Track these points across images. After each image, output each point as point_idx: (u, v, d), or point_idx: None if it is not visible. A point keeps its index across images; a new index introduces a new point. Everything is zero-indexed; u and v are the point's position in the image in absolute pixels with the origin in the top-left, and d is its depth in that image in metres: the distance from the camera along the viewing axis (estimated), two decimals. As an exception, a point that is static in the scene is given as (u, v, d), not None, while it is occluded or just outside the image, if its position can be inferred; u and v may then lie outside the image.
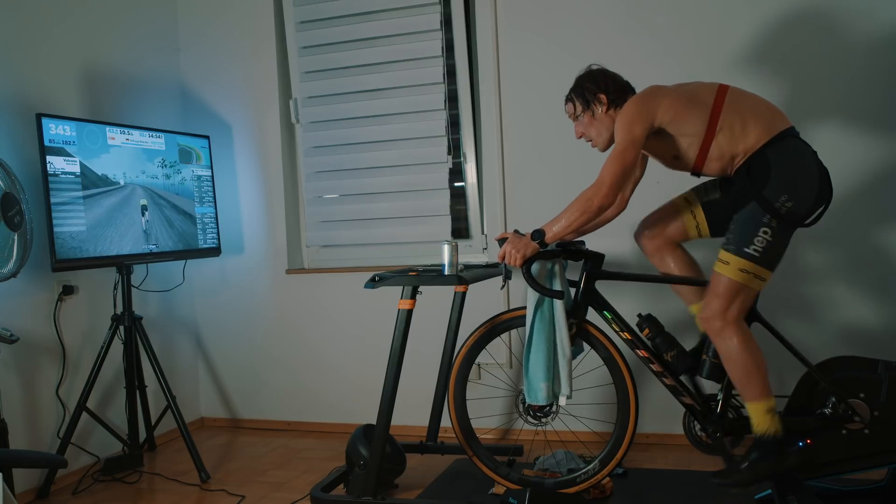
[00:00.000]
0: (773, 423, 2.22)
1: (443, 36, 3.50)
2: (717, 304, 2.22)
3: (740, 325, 2.23)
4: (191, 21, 3.87)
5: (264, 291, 3.81)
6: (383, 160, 3.63)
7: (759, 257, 2.18)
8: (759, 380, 2.22)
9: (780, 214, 2.16)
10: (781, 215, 2.16)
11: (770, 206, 2.16)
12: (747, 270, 2.19)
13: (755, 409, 2.23)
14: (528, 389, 2.52)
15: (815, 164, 2.22)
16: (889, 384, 2.21)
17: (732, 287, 2.20)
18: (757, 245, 2.18)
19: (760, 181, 2.20)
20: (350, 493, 2.64)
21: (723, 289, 2.22)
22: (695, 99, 2.29)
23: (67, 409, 3.05)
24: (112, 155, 3.07)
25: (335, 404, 3.71)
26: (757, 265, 2.19)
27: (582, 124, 2.47)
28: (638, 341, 2.49)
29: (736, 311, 2.22)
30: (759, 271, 2.19)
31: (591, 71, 2.47)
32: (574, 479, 2.52)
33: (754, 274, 2.19)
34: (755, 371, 2.21)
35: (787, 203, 2.16)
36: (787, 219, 2.17)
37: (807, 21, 2.97)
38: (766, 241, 2.18)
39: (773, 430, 2.22)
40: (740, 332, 2.22)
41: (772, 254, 2.20)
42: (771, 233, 2.17)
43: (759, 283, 2.21)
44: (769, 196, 2.17)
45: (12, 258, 2.64)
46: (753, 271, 2.19)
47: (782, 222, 2.17)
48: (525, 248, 2.38)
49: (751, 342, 2.23)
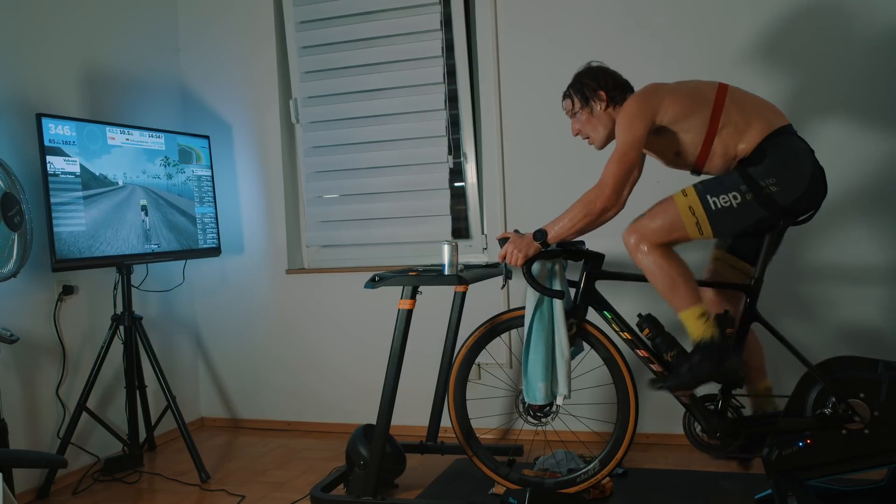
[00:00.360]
0: (707, 326, 2.23)
1: (443, 36, 3.50)
2: (647, 222, 2.24)
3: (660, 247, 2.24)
4: (191, 21, 3.87)
5: (264, 291, 3.81)
6: (383, 160, 3.63)
7: (713, 213, 2.18)
8: (685, 288, 2.23)
9: (762, 193, 2.15)
10: (762, 194, 2.16)
11: (751, 179, 2.16)
12: (695, 214, 2.18)
13: (687, 316, 2.25)
14: (526, 389, 2.52)
15: (809, 162, 2.22)
16: (889, 384, 2.21)
17: (673, 217, 2.21)
18: (720, 202, 2.18)
19: (752, 164, 2.20)
20: (350, 493, 2.64)
21: (662, 212, 2.23)
22: (696, 96, 2.29)
23: (67, 409, 3.05)
24: (112, 155, 3.07)
25: (335, 404, 3.71)
26: (707, 218, 2.19)
27: (579, 121, 2.46)
28: (638, 341, 2.49)
29: (658, 238, 2.23)
30: (703, 224, 2.19)
31: (591, 68, 2.47)
32: (574, 479, 2.53)
33: (698, 222, 2.19)
34: (680, 280, 2.22)
35: (771, 185, 2.16)
36: (765, 200, 2.16)
37: (807, 21, 2.97)
38: (731, 204, 2.17)
39: (709, 334, 2.23)
40: (658, 248, 2.23)
41: (727, 219, 2.19)
42: (739, 200, 2.17)
43: (694, 233, 2.21)
44: (755, 174, 2.17)
45: (12, 258, 2.64)
46: (699, 220, 2.19)
47: (757, 200, 2.16)
48: (527, 248, 2.39)
49: (671, 255, 2.24)
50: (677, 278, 2.23)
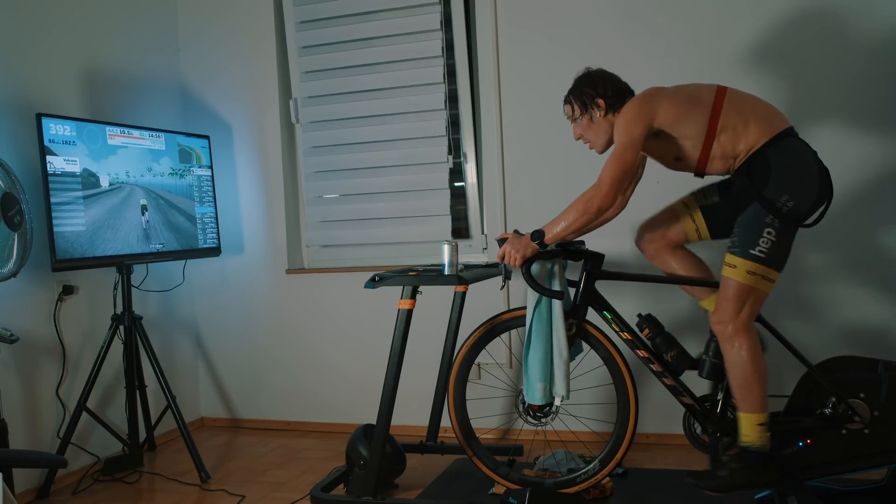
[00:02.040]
0: (761, 437, 2.22)
1: (443, 36, 3.50)
2: (728, 308, 2.22)
3: (750, 333, 2.22)
4: (191, 21, 3.87)
5: (264, 291, 3.81)
6: (383, 160, 3.63)
7: (766, 258, 2.18)
8: (758, 392, 2.21)
9: (782, 213, 2.16)
10: (783, 214, 2.16)
11: (772, 205, 2.16)
12: (755, 272, 2.18)
13: (748, 419, 2.23)
14: (526, 389, 2.52)
15: (815, 164, 2.22)
16: (889, 384, 2.21)
17: (742, 290, 2.20)
18: (762, 246, 2.18)
19: (761, 181, 2.19)
20: (350, 493, 2.64)
21: (732, 292, 2.21)
22: (694, 99, 2.28)
23: (67, 409, 3.05)
24: (112, 155, 3.06)
25: (335, 404, 3.71)
26: (764, 266, 2.18)
27: (580, 127, 2.46)
28: (638, 341, 2.49)
29: (746, 315, 2.21)
30: (766, 272, 2.19)
31: (590, 73, 2.46)
32: (574, 479, 2.52)
33: (762, 275, 2.19)
34: (756, 383, 2.21)
35: (788, 202, 2.16)
36: (789, 217, 2.17)
37: (808, 21, 2.97)
38: (771, 241, 2.17)
39: (759, 444, 2.22)
40: (750, 342, 2.21)
41: (778, 253, 2.19)
42: (775, 233, 2.17)
43: (767, 285, 2.21)
44: (770, 196, 2.17)
45: (12, 258, 2.64)
46: (761, 272, 2.18)
47: (784, 221, 2.17)
48: (525, 249, 2.38)
49: (758, 354, 2.23)
50: (754, 382, 2.21)
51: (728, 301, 2.22)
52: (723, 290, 2.24)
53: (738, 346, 2.22)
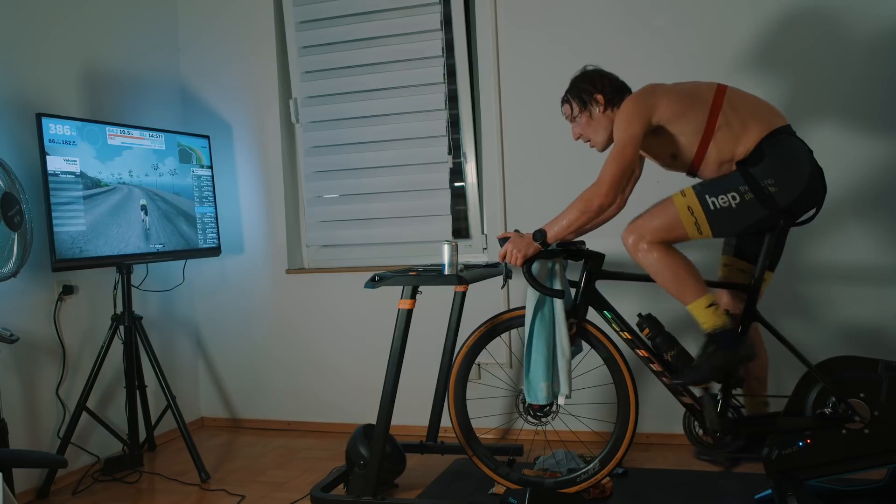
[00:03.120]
0: (717, 315, 2.24)
1: (443, 36, 3.50)
2: (646, 221, 2.26)
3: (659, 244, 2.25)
4: (191, 21, 3.87)
5: (264, 291, 3.81)
6: (383, 160, 3.63)
7: (713, 213, 2.19)
8: (690, 281, 2.24)
9: (760, 191, 2.16)
10: (762, 194, 2.16)
11: (751, 179, 2.16)
12: (693, 214, 2.19)
13: (696, 307, 2.25)
14: (527, 389, 2.52)
15: (807, 162, 2.22)
16: (889, 384, 2.21)
17: (672, 217, 2.22)
18: (719, 202, 2.18)
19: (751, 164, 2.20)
20: (350, 493, 2.64)
21: (661, 212, 2.24)
22: (694, 97, 2.29)
23: (67, 409, 3.05)
24: (112, 155, 3.06)
25: (335, 404, 3.71)
26: (706, 218, 2.20)
27: (579, 125, 2.47)
28: (638, 341, 2.49)
29: (657, 236, 2.24)
30: (702, 225, 2.20)
31: (587, 71, 2.47)
32: (574, 479, 2.53)
33: (697, 222, 2.20)
34: (685, 273, 2.23)
35: (770, 186, 2.16)
36: (764, 199, 2.16)
37: (808, 21, 2.97)
38: (730, 204, 2.18)
39: (720, 323, 2.23)
40: (658, 246, 2.24)
41: (726, 219, 2.20)
42: (739, 200, 2.17)
43: (693, 233, 2.22)
44: (755, 174, 2.18)
45: (12, 258, 2.64)
46: (698, 220, 2.20)
47: (757, 200, 2.17)
48: (526, 248, 2.39)
49: (671, 249, 2.25)
50: (681, 271, 2.24)
51: (652, 216, 2.25)
52: (657, 204, 2.27)
53: (644, 251, 2.25)
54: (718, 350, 2.23)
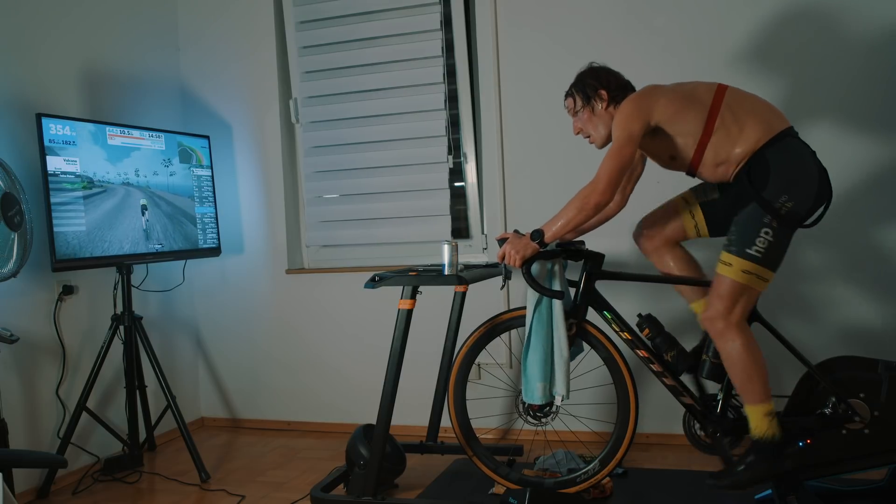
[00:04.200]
0: (771, 426, 2.22)
1: (443, 36, 3.50)
2: (720, 306, 2.22)
3: (743, 327, 2.23)
4: (191, 21, 3.87)
5: (264, 291, 3.81)
6: (383, 160, 3.63)
7: (762, 258, 2.18)
8: (759, 383, 2.21)
9: (781, 215, 2.16)
10: (781, 215, 2.16)
11: (770, 206, 2.16)
12: (749, 271, 2.18)
13: (754, 411, 2.23)
14: (525, 389, 2.52)
15: (814, 164, 2.22)
16: (889, 384, 2.21)
17: (735, 288, 2.20)
18: (759, 245, 2.18)
19: (760, 182, 2.19)
20: (350, 493, 2.64)
21: (725, 290, 2.21)
22: (692, 98, 2.29)
23: (67, 409, 3.05)
24: (112, 155, 3.07)
25: (335, 404, 3.71)
26: (759, 265, 2.18)
27: (581, 120, 2.47)
28: (638, 341, 2.49)
29: (739, 313, 2.22)
30: (761, 272, 2.19)
31: (593, 67, 2.47)
32: (574, 479, 2.52)
33: (757, 275, 2.19)
34: (756, 374, 2.21)
35: (787, 203, 2.16)
36: (788, 219, 2.17)
37: (807, 21, 2.97)
38: (768, 241, 2.17)
39: (770, 434, 2.22)
40: (743, 335, 2.22)
41: (773, 254, 2.20)
42: (772, 233, 2.17)
43: (761, 284, 2.21)
44: (769, 197, 2.17)
45: (12, 258, 2.64)
46: (756, 272, 2.19)
47: (783, 222, 2.17)
48: (524, 249, 2.38)
49: (753, 344, 2.23)
50: (753, 372, 2.21)
51: (721, 298, 2.22)
52: (716, 286, 2.24)
53: (730, 340, 2.22)
54: (762, 461, 2.22)
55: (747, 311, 2.24)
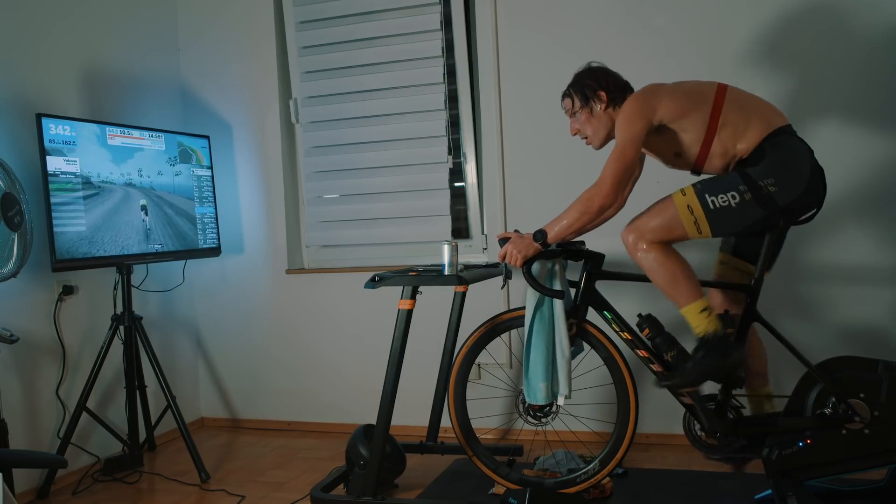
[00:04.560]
0: (710, 321, 2.23)
1: (443, 36, 3.50)
2: (645, 221, 2.25)
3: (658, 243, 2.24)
4: (191, 21, 3.87)
5: (264, 291, 3.81)
6: (383, 160, 3.63)
7: (712, 212, 2.19)
8: (686, 284, 2.23)
9: (759, 191, 2.16)
10: (761, 193, 2.16)
11: (750, 179, 2.17)
12: (693, 213, 2.19)
13: (690, 311, 2.25)
14: (527, 389, 2.52)
15: (808, 162, 2.22)
16: (889, 384, 2.21)
17: (672, 216, 2.22)
18: (719, 201, 2.18)
19: (751, 164, 2.21)
20: (350, 493, 2.64)
21: (661, 211, 2.24)
22: (696, 95, 2.29)
23: (67, 409, 3.05)
24: (112, 155, 3.07)
25: (335, 404, 3.71)
26: (705, 217, 2.19)
27: (578, 121, 2.47)
28: (638, 341, 2.49)
29: (657, 236, 2.23)
30: (702, 224, 2.20)
31: (592, 68, 2.47)
32: (574, 479, 2.52)
33: (696, 221, 2.19)
34: (681, 276, 2.23)
35: (769, 186, 2.16)
36: (763, 199, 2.16)
37: (808, 21, 2.97)
38: (729, 203, 2.17)
39: (713, 328, 2.23)
40: (659, 246, 2.23)
41: (725, 219, 2.19)
42: (738, 200, 2.17)
43: (693, 232, 2.22)
44: (753, 174, 2.18)
45: (12, 258, 2.64)
46: (698, 219, 2.19)
47: (756, 200, 2.17)
48: (526, 249, 2.39)
49: (671, 252, 2.25)
50: (678, 274, 2.23)
51: (651, 216, 2.25)
52: (656, 204, 2.27)
53: (643, 251, 2.24)
54: (708, 355, 2.23)
55: (666, 242, 2.25)
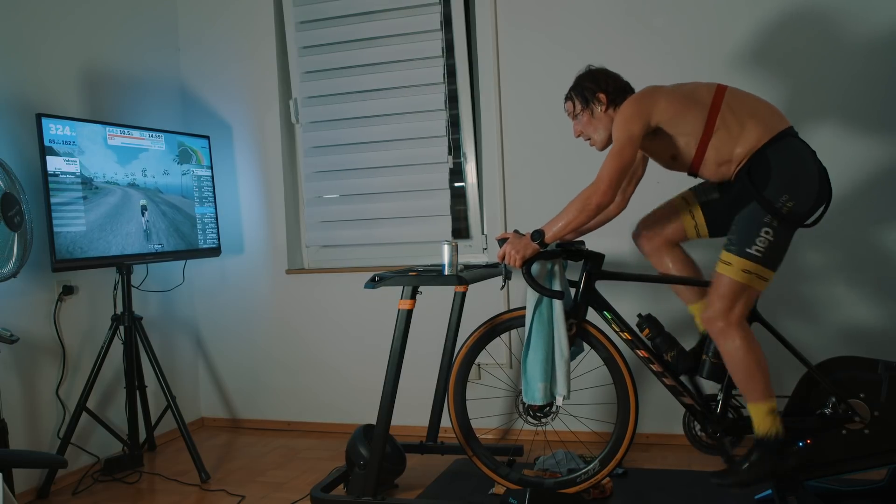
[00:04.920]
0: (774, 424, 2.22)
1: (443, 36, 3.50)
2: (720, 305, 2.22)
3: (743, 326, 2.23)
4: (191, 21, 3.87)
5: (264, 291, 3.81)
6: (383, 160, 3.63)
7: (762, 257, 2.18)
8: (761, 381, 2.21)
9: (782, 214, 2.16)
10: (783, 215, 2.16)
11: (771, 206, 2.16)
12: (750, 271, 2.18)
13: (757, 410, 2.23)
14: (525, 389, 2.52)
15: (814, 164, 2.23)
16: (889, 384, 2.21)
17: (735, 288, 2.20)
18: (759, 245, 2.18)
19: (761, 181, 2.20)
20: (350, 493, 2.64)
21: (725, 289, 2.21)
22: (692, 98, 2.29)
23: (67, 409, 3.05)
24: (112, 155, 3.07)
25: (335, 404, 3.71)
26: (759, 265, 2.19)
27: (580, 123, 2.47)
28: (638, 341, 2.49)
29: (739, 312, 2.22)
30: (761, 271, 2.19)
31: (592, 70, 2.47)
32: (574, 479, 2.52)
33: (757, 274, 2.19)
34: (758, 372, 2.21)
35: (787, 203, 2.16)
36: (789, 219, 2.17)
37: (807, 22, 2.97)
38: (768, 241, 2.18)
39: (773, 432, 2.21)
40: (743, 333, 2.22)
41: (774, 253, 2.20)
42: (773, 233, 2.17)
43: (761, 284, 2.21)
44: (770, 196, 2.17)
45: (12, 258, 2.64)
46: (756, 271, 2.19)
47: (783, 222, 2.17)
48: (525, 249, 2.39)
49: (753, 343, 2.23)
50: (755, 371, 2.21)
51: (721, 298, 2.22)
52: (716, 286, 2.24)
53: (731, 339, 2.22)
54: (763, 459, 2.22)
55: (747, 311, 2.24)
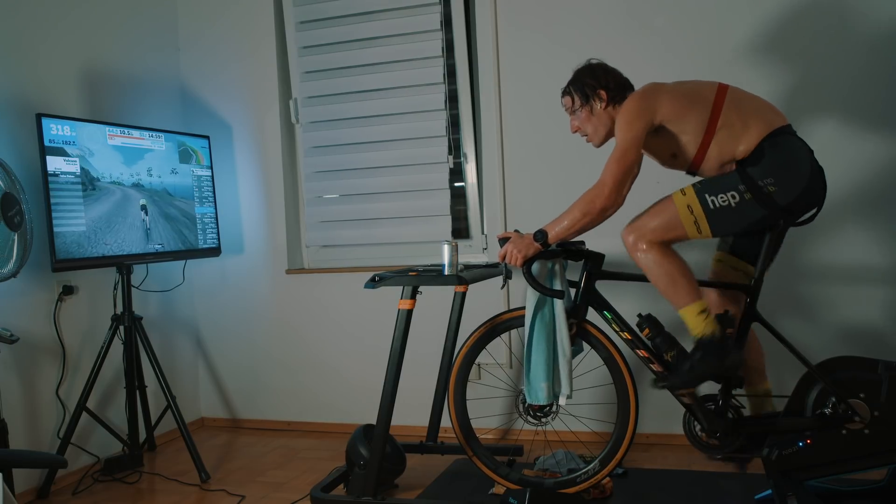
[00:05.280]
0: (708, 323, 2.23)
1: (443, 36, 3.50)
2: (645, 221, 2.25)
3: (658, 244, 2.24)
4: (191, 21, 3.87)
5: (264, 291, 3.81)
6: (383, 160, 3.63)
7: (712, 212, 2.19)
8: (684, 285, 2.23)
9: (759, 191, 2.16)
10: (761, 193, 2.16)
11: (751, 180, 2.16)
12: (693, 213, 2.19)
13: (687, 313, 2.24)
14: (528, 389, 2.52)
15: (808, 162, 2.22)
16: (889, 384, 2.21)
17: (671, 216, 2.22)
18: (718, 201, 2.18)
19: (751, 164, 2.20)
20: (350, 493, 2.64)
21: (661, 211, 2.24)
22: (695, 96, 2.28)
23: (67, 409, 3.05)
24: (112, 155, 3.07)
25: (335, 404, 3.71)
26: (705, 217, 2.19)
27: (578, 119, 2.46)
28: (638, 341, 2.49)
29: (657, 236, 2.23)
30: (702, 224, 2.20)
31: (591, 65, 2.46)
32: (574, 479, 2.52)
33: (696, 221, 2.19)
34: (679, 277, 2.23)
35: (769, 185, 2.16)
36: (763, 200, 2.16)
37: (808, 21, 2.97)
38: (729, 203, 2.17)
39: (710, 331, 2.23)
40: (658, 247, 2.23)
41: (725, 218, 2.19)
42: (738, 199, 2.17)
43: (693, 232, 2.22)
44: (753, 174, 2.17)
45: (12, 258, 2.64)
46: (698, 219, 2.19)
47: (756, 200, 2.17)
48: (527, 249, 2.39)
49: (669, 251, 2.25)
50: (676, 275, 2.23)
51: (651, 216, 2.25)
52: (656, 204, 2.27)
53: (643, 251, 2.25)
54: (705, 358, 2.23)
55: (666, 243, 2.25)
